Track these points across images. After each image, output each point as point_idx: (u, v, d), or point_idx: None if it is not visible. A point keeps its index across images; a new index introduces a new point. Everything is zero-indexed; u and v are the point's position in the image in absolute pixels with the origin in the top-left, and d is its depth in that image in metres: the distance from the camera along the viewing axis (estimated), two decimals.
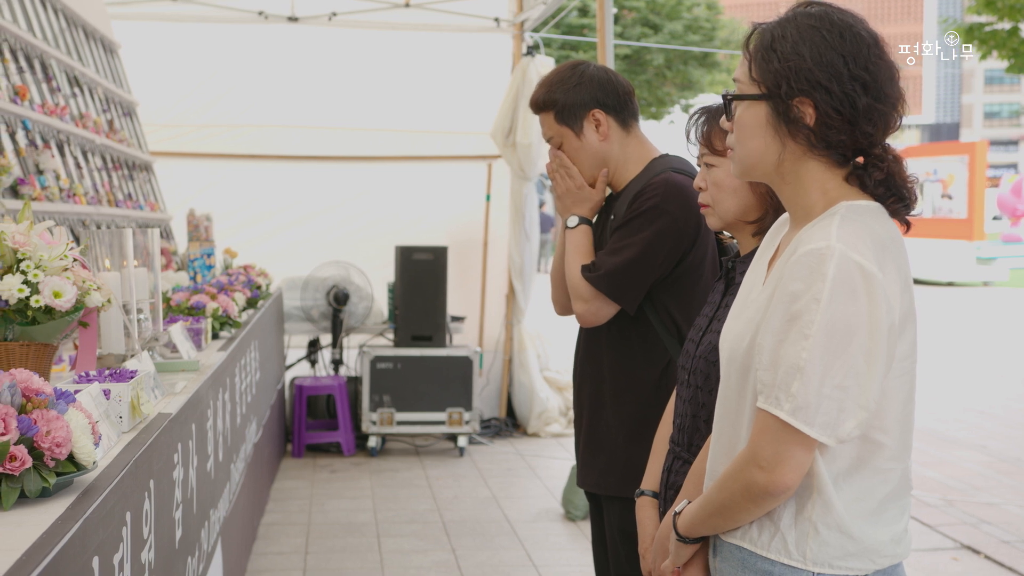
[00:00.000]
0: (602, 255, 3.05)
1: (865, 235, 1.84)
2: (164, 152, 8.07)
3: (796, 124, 1.90)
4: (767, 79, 1.92)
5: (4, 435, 1.70)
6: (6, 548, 1.50)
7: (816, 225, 1.88)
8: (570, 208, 3.17)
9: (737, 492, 1.91)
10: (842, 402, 1.80)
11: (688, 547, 2.10)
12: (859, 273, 1.79)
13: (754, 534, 1.95)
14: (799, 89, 1.88)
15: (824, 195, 1.93)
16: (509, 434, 8.52)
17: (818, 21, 1.91)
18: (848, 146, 1.91)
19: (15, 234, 2.33)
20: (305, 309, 8.06)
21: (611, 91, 3.14)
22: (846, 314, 1.79)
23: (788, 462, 1.83)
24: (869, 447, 1.89)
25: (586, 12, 25.09)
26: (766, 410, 1.84)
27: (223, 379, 3.81)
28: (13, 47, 4.92)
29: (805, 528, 1.90)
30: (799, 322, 1.80)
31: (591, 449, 3.15)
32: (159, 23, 8.26)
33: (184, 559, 2.81)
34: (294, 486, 7.00)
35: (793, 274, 1.83)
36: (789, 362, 1.81)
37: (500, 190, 8.70)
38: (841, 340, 1.79)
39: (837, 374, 1.79)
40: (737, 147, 1.99)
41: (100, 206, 5.59)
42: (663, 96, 30.25)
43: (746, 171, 2.01)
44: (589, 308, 3.05)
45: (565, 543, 5.89)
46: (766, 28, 1.96)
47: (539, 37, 8.48)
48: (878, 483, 1.91)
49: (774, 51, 1.91)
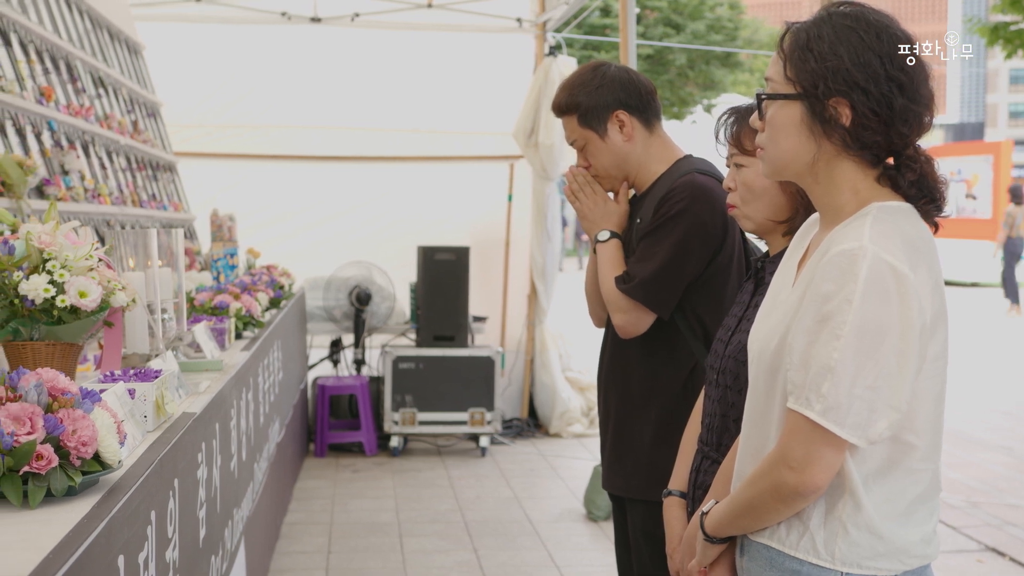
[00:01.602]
0: (633, 263, 3.03)
1: (897, 236, 1.83)
2: (187, 152, 8.10)
3: (831, 124, 1.89)
4: (803, 79, 1.91)
5: (31, 434, 1.71)
6: (33, 546, 1.51)
7: (848, 226, 1.88)
8: (599, 223, 3.15)
9: (766, 492, 1.90)
10: (873, 403, 1.80)
11: (715, 547, 2.10)
12: (891, 274, 1.79)
13: (782, 533, 1.94)
14: (836, 90, 1.88)
15: (855, 195, 1.92)
16: (531, 434, 8.51)
17: (854, 21, 1.90)
18: (883, 147, 1.91)
19: (41, 234, 2.35)
20: (327, 309, 8.08)
21: (633, 91, 3.12)
22: (878, 315, 1.78)
23: (818, 462, 1.83)
24: (900, 448, 1.88)
25: (608, 12, 25.07)
26: (796, 411, 1.84)
27: (246, 379, 3.82)
28: (39, 48, 4.95)
29: (835, 528, 1.89)
30: (831, 323, 1.80)
31: (617, 452, 3.14)
32: (183, 24, 8.29)
33: (208, 558, 2.82)
34: (316, 486, 7.02)
35: (825, 275, 1.83)
36: (820, 363, 1.80)
37: (522, 190, 8.70)
38: (873, 341, 1.78)
39: (869, 375, 1.79)
40: (769, 146, 1.98)
41: (124, 206, 5.62)
42: (685, 96, 30.20)
43: (777, 171, 2.00)
44: (628, 319, 3.02)
45: (587, 543, 5.88)
46: (801, 27, 1.95)
47: (561, 37, 8.48)
48: (909, 484, 1.90)
49: (810, 51, 1.90)
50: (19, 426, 1.71)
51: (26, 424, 1.72)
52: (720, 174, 3.05)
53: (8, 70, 4.40)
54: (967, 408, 9.74)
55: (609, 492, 3.22)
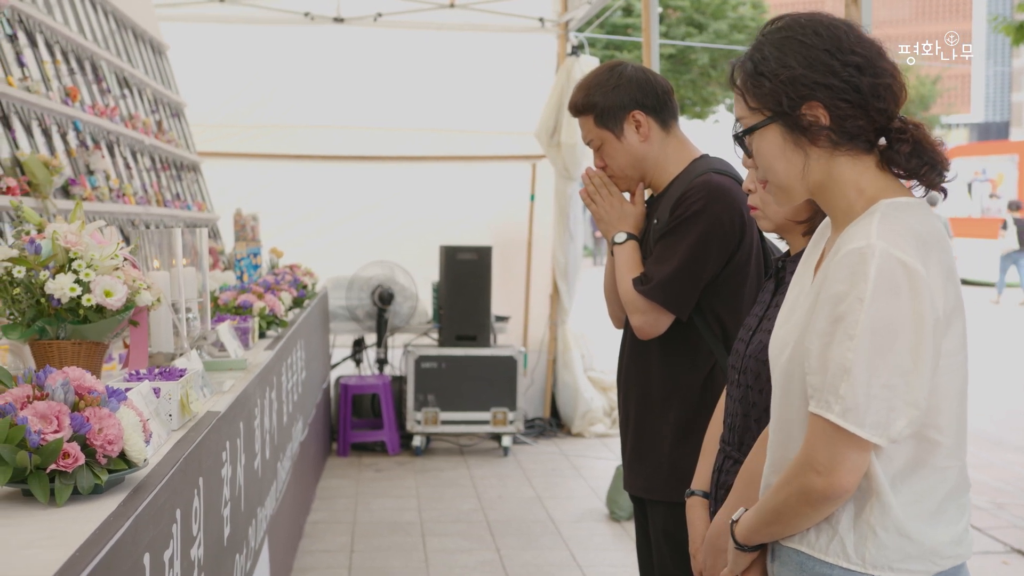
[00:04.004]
0: (651, 264, 3.03)
1: (906, 231, 1.83)
2: (211, 152, 8.14)
3: (813, 130, 1.91)
4: (766, 102, 1.94)
5: (57, 432, 1.72)
6: (60, 544, 1.52)
7: (857, 225, 1.88)
8: (615, 225, 3.14)
9: (794, 498, 1.89)
10: (891, 401, 1.79)
11: (746, 555, 2.08)
12: (902, 270, 1.78)
13: (812, 538, 1.93)
14: (800, 96, 1.90)
15: (861, 194, 1.93)
16: (553, 434, 8.51)
17: (789, 31, 1.94)
18: (868, 129, 1.92)
19: (67, 234, 2.36)
20: (350, 308, 8.10)
21: (650, 91, 3.11)
22: (890, 312, 1.78)
23: (844, 465, 1.82)
24: (925, 446, 1.87)
25: (630, 12, 25.02)
26: (817, 414, 1.83)
27: (270, 378, 3.83)
28: (65, 49, 4.98)
29: (864, 531, 1.88)
30: (844, 323, 1.80)
31: (637, 453, 3.13)
32: (207, 24, 8.33)
33: (232, 556, 2.83)
34: (339, 485, 7.03)
35: (836, 275, 1.83)
36: (836, 364, 1.80)
37: (544, 190, 8.70)
38: (886, 338, 1.78)
39: (884, 373, 1.78)
40: (769, 176, 2.00)
41: (149, 206, 5.65)
42: (708, 95, 30.10)
43: (788, 196, 2.01)
44: (647, 320, 3.02)
45: (609, 543, 5.88)
46: (744, 58, 1.99)
47: (583, 37, 8.47)
48: (937, 482, 1.89)
49: (761, 74, 1.93)
50: (46, 424, 1.72)
51: (53, 422, 1.73)
52: (737, 174, 3.04)
53: (34, 70, 4.42)
54: (992, 409, 9.68)
55: (630, 493, 3.21)
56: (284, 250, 7.09)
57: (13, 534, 1.58)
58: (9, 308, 2.34)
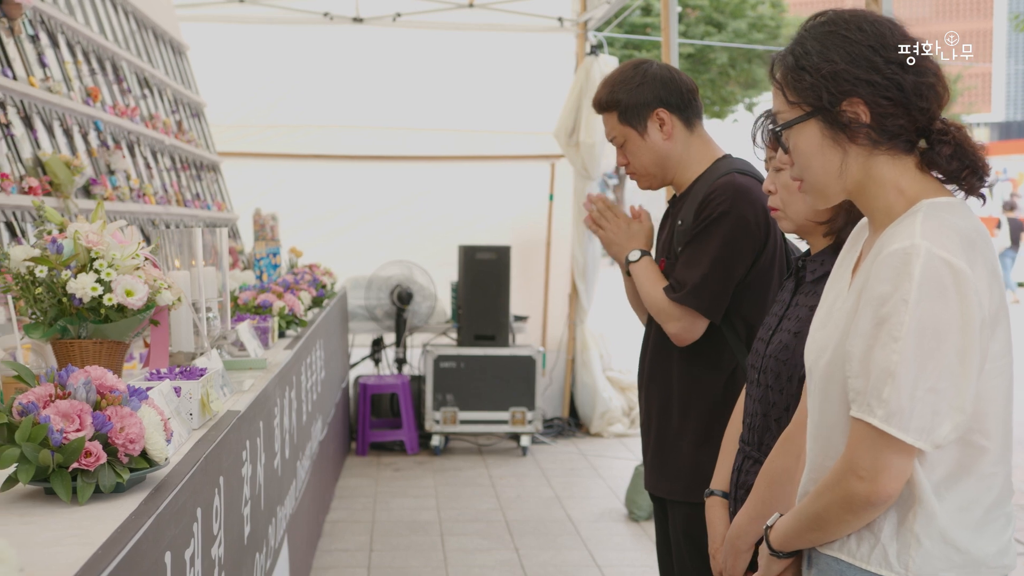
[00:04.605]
0: (680, 270, 3.01)
1: (950, 231, 1.78)
2: (230, 152, 8.16)
3: (852, 127, 1.87)
4: (806, 97, 1.89)
5: (80, 431, 1.72)
6: (83, 542, 1.53)
7: (899, 225, 1.83)
8: (626, 245, 3.13)
9: (835, 504, 1.84)
10: (936, 405, 1.74)
11: (781, 562, 2.03)
12: (947, 270, 1.74)
13: (852, 546, 1.88)
14: (842, 92, 1.86)
15: (901, 194, 1.88)
16: (572, 434, 8.50)
17: (832, 25, 1.89)
18: (910, 129, 1.87)
19: (89, 233, 2.37)
20: (369, 308, 8.11)
21: (675, 90, 3.10)
22: (936, 313, 1.73)
23: (888, 470, 1.77)
24: (970, 452, 1.82)
25: (649, 11, 24.98)
26: (860, 418, 1.78)
27: (289, 377, 3.84)
28: (86, 49, 5.00)
29: (907, 539, 1.82)
30: (888, 324, 1.75)
31: (659, 454, 3.13)
32: (226, 25, 8.36)
33: (252, 555, 2.84)
34: (358, 484, 7.04)
35: (879, 276, 1.78)
36: (880, 367, 1.75)
37: (563, 190, 8.70)
38: (932, 341, 1.73)
39: (930, 376, 1.73)
40: (806, 175, 1.95)
41: (169, 206, 5.67)
42: (727, 95, 30.02)
43: (822, 193, 1.95)
44: (682, 326, 3.00)
45: (628, 544, 5.87)
46: (785, 52, 1.94)
47: (602, 36, 8.46)
48: (983, 490, 1.83)
49: (803, 68, 1.89)
50: (68, 423, 1.73)
51: (75, 421, 1.73)
52: (760, 174, 3.03)
53: (56, 71, 4.45)
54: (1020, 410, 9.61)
55: (651, 493, 3.20)
56: (303, 250, 7.12)
57: (37, 532, 1.59)
58: (31, 307, 2.35)
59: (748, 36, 28.52)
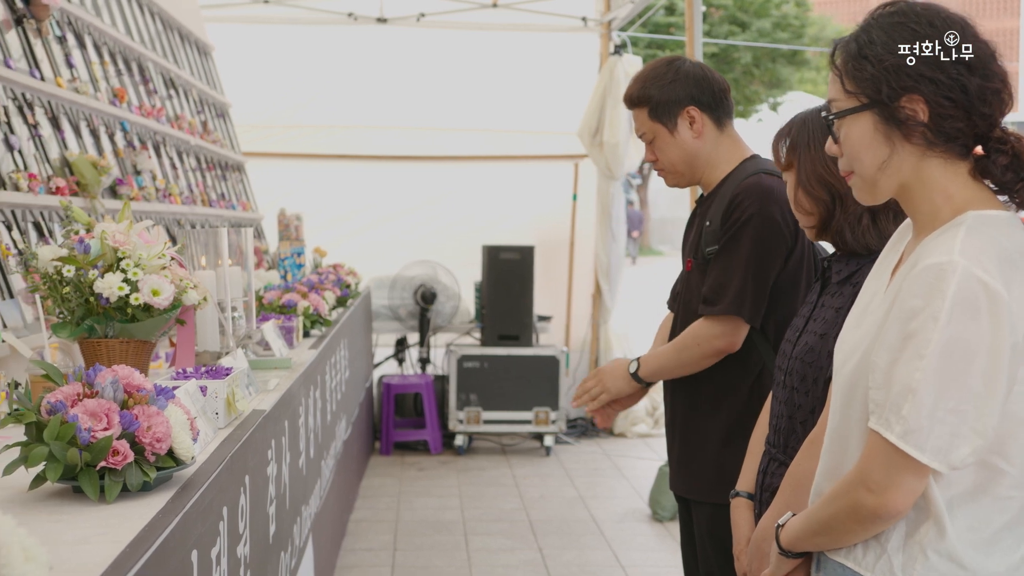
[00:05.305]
0: (715, 279, 2.98)
1: (991, 249, 1.72)
2: (255, 152, 8.19)
3: (908, 124, 1.80)
4: (865, 87, 1.82)
5: (107, 430, 1.73)
6: (112, 540, 1.54)
7: (940, 236, 1.77)
8: (620, 379, 3.17)
9: (843, 513, 1.82)
10: (956, 427, 1.69)
11: (790, 561, 2.02)
12: (982, 291, 1.68)
13: (859, 554, 1.86)
14: (903, 87, 1.79)
15: (949, 200, 1.81)
16: (595, 434, 8.49)
17: (903, 16, 1.82)
18: (968, 134, 1.80)
19: (115, 233, 2.38)
20: (393, 308, 8.12)
21: (707, 88, 3.09)
22: (965, 334, 1.68)
23: (899, 487, 1.73)
24: (988, 474, 1.77)
25: (673, 11, 24.93)
26: (877, 431, 1.75)
27: (314, 377, 3.85)
28: (112, 50, 5.03)
29: (913, 552, 1.79)
30: (915, 340, 1.70)
31: (684, 454, 3.12)
32: (251, 25, 8.39)
33: (278, 554, 2.84)
34: (382, 483, 7.06)
35: (912, 289, 1.73)
36: (902, 382, 1.71)
37: (587, 189, 8.68)
38: (959, 362, 1.68)
39: (952, 398, 1.68)
40: (855, 166, 1.88)
41: (194, 206, 5.70)
42: (751, 95, 29.94)
43: (870, 190, 1.89)
44: (726, 340, 2.97)
45: (652, 544, 5.86)
46: (850, 38, 1.87)
47: (626, 36, 8.45)
48: (996, 511, 1.79)
49: (865, 57, 1.82)
50: (96, 422, 1.74)
51: (103, 420, 1.74)
52: None
53: (83, 71, 4.47)
54: None
55: (676, 494, 3.20)
56: (329, 250, 7.13)
57: (66, 530, 1.60)
58: (59, 307, 2.37)
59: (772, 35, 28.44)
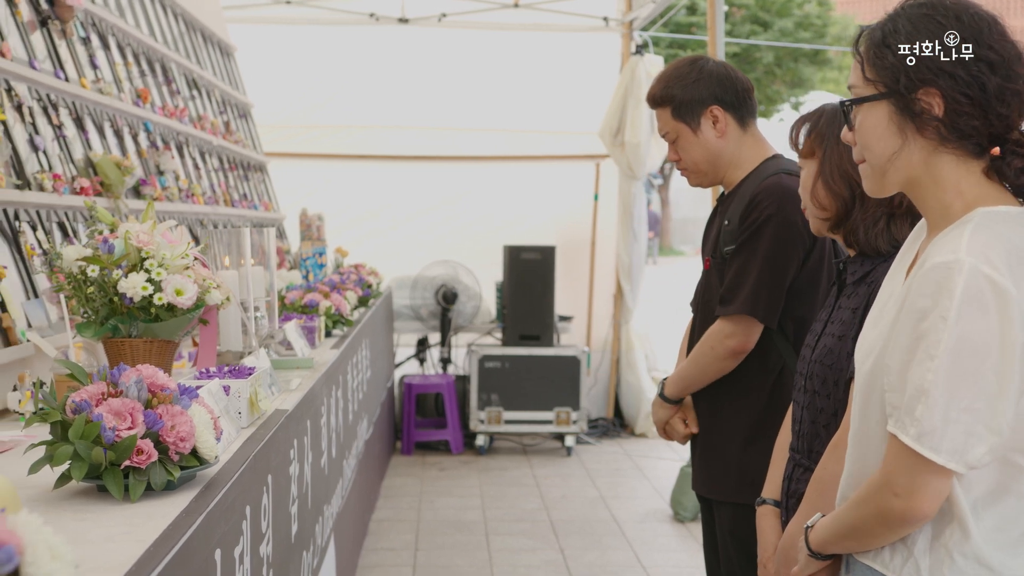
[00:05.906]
0: (732, 279, 2.99)
1: (999, 245, 1.70)
2: (277, 153, 8.22)
3: (923, 117, 1.78)
4: (884, 76, 1.81)
5: (131, 429, 1.74)
6: (135, 538, 1.54)
7: (948, 235, 1.76)
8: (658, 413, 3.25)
9: (871, 517, 1.82)
10: (971, 426, 1.68)
11: (819, 563, 2.02)
12: (990, 288, 1.67)
13: (886, 557, 1.85)
14: (921, 80, 1.77)
15: (960, 196, 1.80)
16: (616, 434, 8.48)
17: (930, 8, 1.80)
18: (983, 133, 1.78)
19: (139, 233, 2.40)
20: (414, 308, 8.13)
21: (730, 88, 3.08)
22: (975, 332, 1.67)
23: (924, 490, 1.73)
24: (1011, 472, 1.75)
25: (694, 10, 24.88)
26: (894, 434, 1.74)
27: (336, 376, 3.86)
28: (136, 51, 5.05)
29: (940, 555, 1.78)
30: (925, 341, 1.69)
31: (705, 454, 3.12)
32: (273, 26, 8.42)
33: (300, 553, 2.85)
34: (404, 483, 7.07)
35: (920, 289, 1.72)
36: (915, 384, 1.70)
37: (608, 189, 8.67)
38: (970, 360, 1.67)
39: (965, 397, 1.67)
40: (866, 155, 1.87)
41: (217, 206, 5.72)
42: (773, 94, 29.84)
43: (879, 180, 1.88)
44: (738, 340, 2.97)
45: (674, 544, 5.85)
46: (875, 26, 1.85)
47: (648, 36, 8.43)
48: (1021, 511, 1.78)
49: (887, 46, 1.80)
50: (120, 421, 1.75)
51: (127, 419, 1.75)
52: None
53: (106, 72, 4.49)
54: None
55: (697, 494, 3.19)
56: (348, 249, 7.15)
57: (91, 528, 1.61)
58: (83, 306, 2.38)
59: (794, 35, 28.34)
